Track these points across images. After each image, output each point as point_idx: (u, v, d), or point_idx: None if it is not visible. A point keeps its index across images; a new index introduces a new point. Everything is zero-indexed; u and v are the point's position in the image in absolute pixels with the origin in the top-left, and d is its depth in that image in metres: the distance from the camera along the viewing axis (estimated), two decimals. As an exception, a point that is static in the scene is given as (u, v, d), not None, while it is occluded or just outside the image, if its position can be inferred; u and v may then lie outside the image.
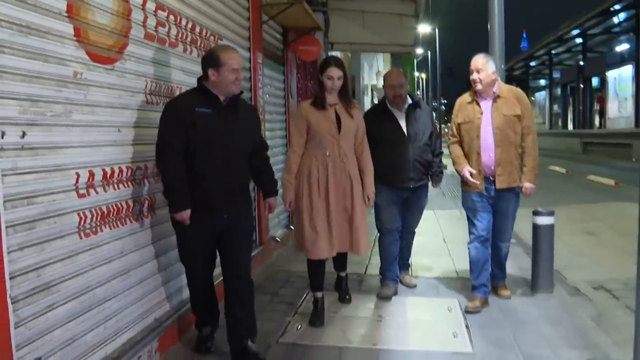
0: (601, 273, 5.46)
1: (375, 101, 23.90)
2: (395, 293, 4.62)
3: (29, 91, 2.28)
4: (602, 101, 30.41)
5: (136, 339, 3.10)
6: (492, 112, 4.15)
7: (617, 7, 24.22)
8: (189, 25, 3.93)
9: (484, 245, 4.31)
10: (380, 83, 21.06)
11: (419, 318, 4.11)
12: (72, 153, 2.56)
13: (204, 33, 4.22)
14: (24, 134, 2.25)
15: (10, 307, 2.12)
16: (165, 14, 3.56)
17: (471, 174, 4.19)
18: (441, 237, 6.86)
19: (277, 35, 6.89)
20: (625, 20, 25.65)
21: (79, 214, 2.61)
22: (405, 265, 5.04)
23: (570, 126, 36.64)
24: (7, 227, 2.12)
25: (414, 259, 5.33)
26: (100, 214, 2.79)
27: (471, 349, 3.53)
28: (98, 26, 2.79)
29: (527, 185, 4.20)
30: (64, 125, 2.51)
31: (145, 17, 3.29)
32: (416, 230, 5.01)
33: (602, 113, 30.57)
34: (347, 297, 4.49)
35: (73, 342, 2.56)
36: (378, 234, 4.76)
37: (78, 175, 2.60)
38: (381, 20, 8.44)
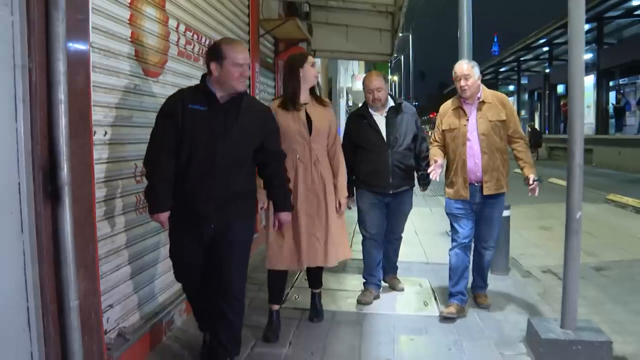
0: (551, 260, 6.24)
1: (350, 103, 24.63)
2: (378, 297, 4.65)
3: (108, 100, 2.97)
4: (566, 107, 31.57)
5: (170, 300, 3.79)
6: (478, 118, 4.06)
7: (581, 19, 25.23)
8: (207, 42, 4.59)
9: (465, 252, 4.25)
10: (355, 86, 21.55)
11: (396, 291, 4.87)
12: (133, 148, 3.24)
13: (216, 47, 4.88)
14: (105, 133, 2.94)
15: (98, 262, 2.82)
16: (191, 33, 4.24)
17: (435, 163, 3.98)
18: (413, 230, 7.58)
19: (269, 45, 7.63)
20: (588, 31, 26.85)
21: (136, 196, 3.30)
22: (392, 268, 4.96)
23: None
24: (97, 202, 2.82)
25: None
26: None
27: (438, 313, 4.30)
28: (149, 47, 3.48)
29: (532, 176, 4.05)
30: (128, 126, 3.20)
31: (179, 38, 3.98)
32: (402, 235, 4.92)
33: (566, 119, 31.74)
34: (317, 318, 4.10)
35: (131, 297, 3.26)
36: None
37: (136, 165, 3.28)
38: (362, 33, 9.18)
